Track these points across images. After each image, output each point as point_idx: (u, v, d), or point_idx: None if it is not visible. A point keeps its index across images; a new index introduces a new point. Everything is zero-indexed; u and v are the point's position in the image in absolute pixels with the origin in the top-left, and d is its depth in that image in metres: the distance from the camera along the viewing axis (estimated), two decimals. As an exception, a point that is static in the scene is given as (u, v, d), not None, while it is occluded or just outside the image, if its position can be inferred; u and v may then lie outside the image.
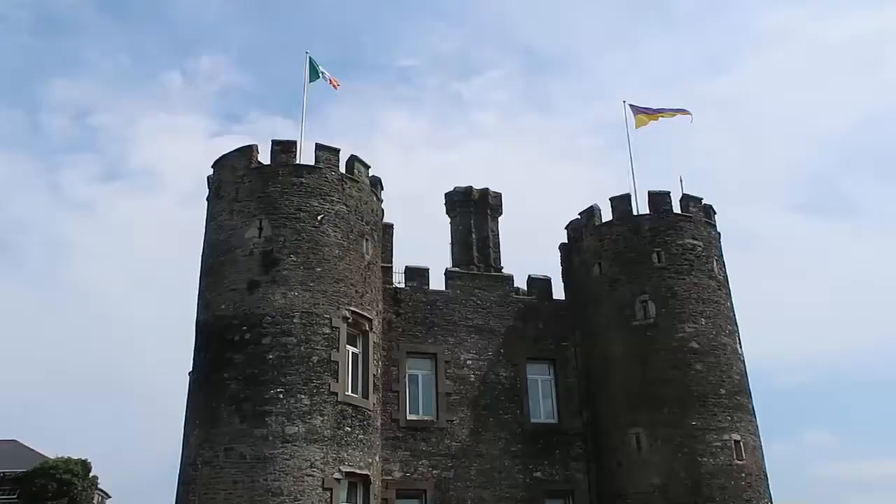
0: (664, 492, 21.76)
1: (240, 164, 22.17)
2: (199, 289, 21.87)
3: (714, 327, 23.93)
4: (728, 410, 22.79)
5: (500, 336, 24.75)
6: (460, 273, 25.58)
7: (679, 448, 22.09)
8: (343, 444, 19.52)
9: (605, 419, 23.77)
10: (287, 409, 19.08)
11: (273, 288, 20.31)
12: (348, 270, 21.42)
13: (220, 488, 18.46)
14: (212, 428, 19.26)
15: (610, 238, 25.47)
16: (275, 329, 19.87)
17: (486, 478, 22.65)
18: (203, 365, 20.41)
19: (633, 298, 24.26)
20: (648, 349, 23.43)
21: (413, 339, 23.77)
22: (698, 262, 24.75)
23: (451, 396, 23.41)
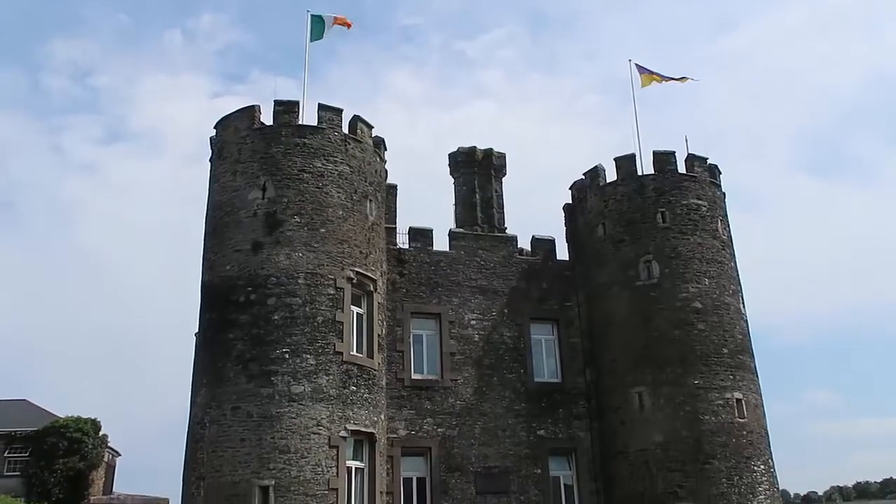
0: (666, 449, 22.04)
1: (242, 124, 22.05)
2: (204, 250, 21.94)
3: (717, 287, 23.99)
4: (730, 369, 22.97)
5: (503, 296, 24.85)
6: (464, 234, 25.58)
7: (681, 406, 22.31)
8: (349, 403, 19.76)
9: (608, 378, 23.98)
10: (293, 368, 19.28)
11: (277, 249, 20.36)
12: (352, 231, 21.43)
13: (228, 446, 18.75)
14: (218, 387, 19.49)
15: (614, 198, 25.41)
16: (279, 290, 19.98)
17: (490, 436, 22.95)
18: (209, 325, 20.57)
19: (636, 259, 24.29)
20: (651, 309, 23.53)
21: (417, 299, 23.88)
22: (702, 223, 24.71)
23: (456, 356, 23.61)
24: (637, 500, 22.08)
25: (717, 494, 21.38)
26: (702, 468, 21.62)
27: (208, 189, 22.68)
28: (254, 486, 18.13)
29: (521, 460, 23.00)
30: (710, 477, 21.54)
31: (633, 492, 22.27)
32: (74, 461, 33.31)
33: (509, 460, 22.87)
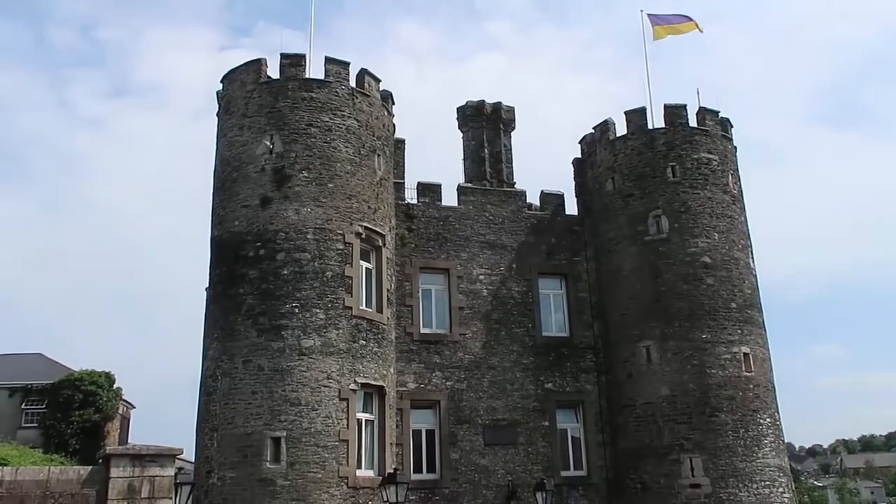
0: (672, 402, 22.25)
1: (248, 78, 21.85)
2: (213, 205, 21.97)
3: (727, 242, 23.91)
4: (738, 324, 23.03)
5: (512, 251, 24.86)
6: (473, 188, 25.48)
7: (688, 360, 22.45)
8: (358, 357, 19.96)
9: (616, 332, 24.10)
10: (303, 322, 19.45)
11: (286, 204, 20.35)
12: (360, 186, 21.38)
13: (240, 398, 19.04)
14: (229, 341, 19.71)
15: (624, 152, 25.20)
16: (288, 245, 20.04)
17: (498, 389, 23.19)
18: (219, 280, 20.71)
19: (646, 213, 24.19)
20: (660, 264, 23.52)
21: (426, 254, 23.92)
22: (713, 177, 24.53)
23: (464, 311, 23.73)
24: (643, 452, 22.39)
25: (723, 446, 21.64)
26: (708, 421, 21.84)
27: (216, 144, 22.60)
28: (266, 438, 18.46)
29: (529, 413, 23.27)
30: (715, 429, 21.78)
31: (639, 443, 22.56)
32: (90, 413, 33.95)
33: (517, 413, 23.15)
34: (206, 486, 18.83)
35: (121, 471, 9.51)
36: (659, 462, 22.00)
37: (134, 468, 9.62)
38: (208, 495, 18.75)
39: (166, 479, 9.81)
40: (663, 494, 21.68)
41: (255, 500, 18.01)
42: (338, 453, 18.78)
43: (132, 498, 9.48)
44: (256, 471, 18.25)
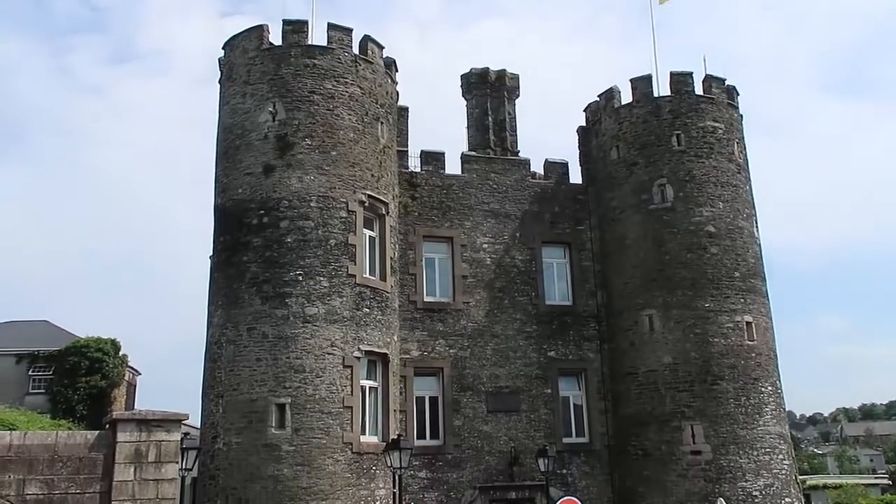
0: (674, 370, 22.37)
1: (250, 45, 21.66)
2: (216, 173, 21.92)
3: (731, 211, 23.84)
4: (741, 293, 23.06)
5: (515, 220, 24.82)
6: (476, 157, 25.37)
7: (691, 329, 22.53)
8: (362, 325, 20.06)
9: (619, 301, 24.15)
10: (307, 290, 19.51)
11: (289, 172, 20.30)
12: (364, 154, 21.30)
13: (245, 365, 19.19)
14: (234, 309, 19.80)
15: (629, 120, 25.02)
16: (292, 213, 20.03)
17: (501, 357, 23.33)
18: (223, 248, 20.74)
19: (650, 182, 24.09)
20: (664, 233, 23.49)
21: (429, 222, 23.90)
22: (718, 145, 24.37)
23: (468, 279, 23.77)
24: (645, 419, 22.57)
25: (724, 414, 21.79)
26: (709, 389, 21.98)
27: (218, 111, 22.48)
28: (271, 404, 18.64)
29: (532, 380, 23.43)
30: (717, 397, 21.92)
31: (641, 411, 22.74)
32: (96, 380, 34.24)
33: (520, 380, 23.31)
34: (212, 451, 19.07)
35: (127, 435, 9.62)
36: (660, 429, 22.19)
37: (140, 433, 9.72)
38: (214, 460, 19.00)
39: (172, 444, 9.92)
40: (664, 461, 21.91)
41: (260, 464, 18.25)
42: (342, 419, 18.96)
43: (139, 462, 9.60)
44: (261, 436, 18.46)
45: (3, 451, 9.04)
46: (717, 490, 20.90)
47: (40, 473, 9.10)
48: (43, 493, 9.08)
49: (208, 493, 19.10)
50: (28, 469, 9.06)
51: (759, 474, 21.53)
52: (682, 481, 21.55)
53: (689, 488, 21.41)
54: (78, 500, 9.24)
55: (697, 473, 21.47)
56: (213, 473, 18.97)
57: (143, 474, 9.56)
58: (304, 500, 18.04)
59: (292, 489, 18.07)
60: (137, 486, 9.50)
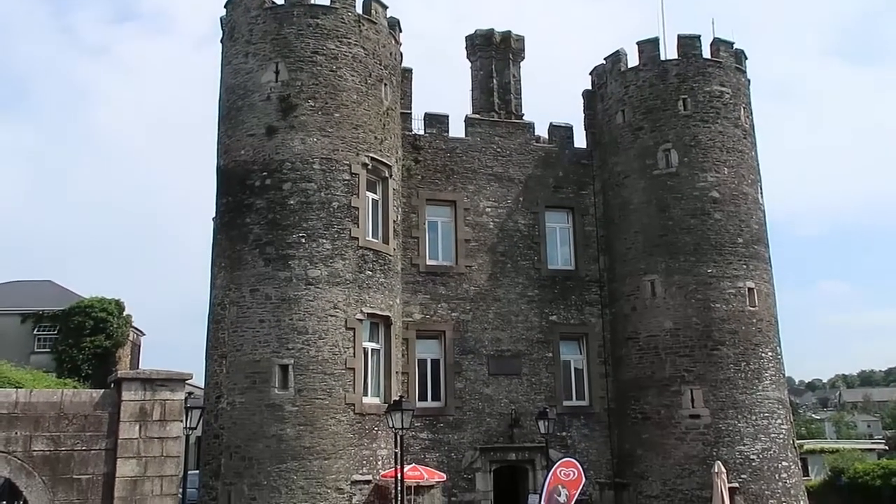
0: (675, 335, 22.47)
1: (252, 3, 21.36)
2: (218, 134, 21.81)
3: (736, 177, 23.71)
4: (744, 259, 23.05)
5: (519, 184, 24.72)
6: (480, 120, 25.17)
7: (693, 294, 22.57)
8: (364, 287, 20.12)
9: (621, 266, 24.16)
10: (309, 252, 19.54)
11: (291, 134, 20.18)
12: (367, 116, 21.14)
13: (248, 327, 19.31)
14: (237, 270, 19.86)
15: (635, 84, 24.75)
16: (295, 175, 19.97)
17: (503, 320, 23.43)
18: (225, 210, 20.73)
19: (655, 147, 23.93)
20: (668, 198, 23.40)
21: (432, 186, 23.82)
22: (725, 110, 24.14)
23: (470, 243, 23.77)
24: (645, 384, 22.74)
25: (724, 379, 21.95)
26: (710, 354, 22.10)
27: (220, 71, 22.27)
28: (274, 365, 18.79)
29: (533, 344, 23.57)
30: (717, 362, 22.05)
31: (641, 375, 22.90)
32: (101, 339, 34.54)
33: (521, 344, 23.44)
34: (216, 411, 19.30)
35: (132, 394, 9.71)
36: (660, 393, 22.37)
37: (145, 392, 9.82)
38: (218, 419, 19.23)
39: (177, 403, 10.03)
40: (663, 424, 22.12)
41: (263, 424, 18.47)
42: (344, 381, 19.13)
43: (144, 420, 9.71)
44: (265, 396, 18.65)
45: (9, 408, 9.15)
46: (715, 453, 21.14)
47: (47, 430, 9.22)
48: (49, 450, 9.21)
49: (212, 451, 19.38)
50: (35, 426, 9.18)
51: (757, 438, 21.76)
52: (680, 444, 21.79)
53: (688, 451, 21.65)
54: (84, 457, 9.37)
55: (696, 437, 21.70)
56: (217, 432, 19.23)
57: (148, 432, 9.68)
58: (306, 459, 18.30)
59: (295, 448, 18.32)
60: (142, 443, 9.63)
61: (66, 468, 9.24)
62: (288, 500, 18.00)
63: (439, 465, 21.23)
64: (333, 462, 18.52)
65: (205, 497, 19.36)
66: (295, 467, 18.20)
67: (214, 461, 19.20)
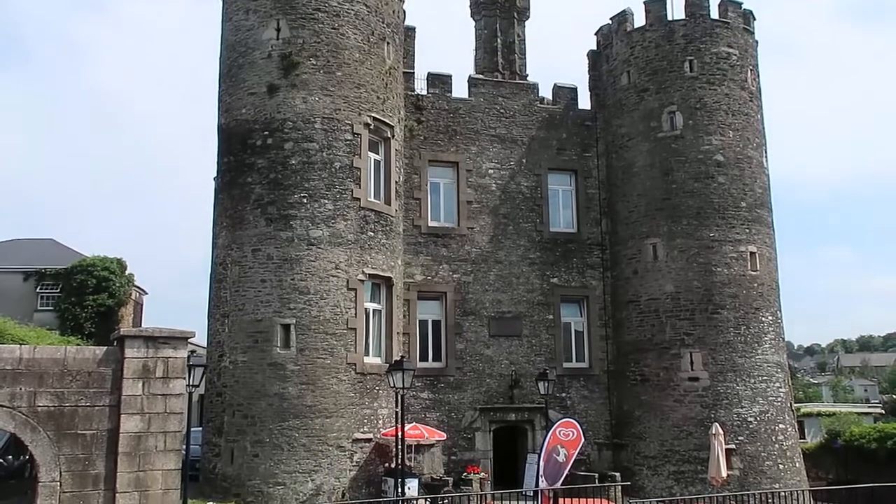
0: (676, 299, 22.52)
1: (254, -42, 20.97)
2: (219, 92, 21.59)
3: (741, 140, 23.53)
4: (747, 223, 22.99)
5: (522, 146, 24.56)
6: (484, 80, 24.90)
7: (694, 258, 22.56)
8: (366, 248, 20.12)
9: (624, 229, 24.12)
10: (311, 213, 19.49)
11: (293, 92, 19.99)
12: (369, 75, 20.91)
13: (250, 286, 19.35)
14: (238, 230, 19.84)
15: (641, 45, 24.43)
16: (296, 134, 19.82)
17: (504, 282, 23.47)
18: (227, 169, 20.63)
19: (660, 109, 23.70)
20: (672, 161, 23.26)
21: (435, 147, 23.67)
22: (732, 72, 23.85)
23: (472, 205, 23.69)
24: (645, 346, 22.87)
25: (723, 342, 22.06)
26: (710, 317, 22.18)
27: (221, 28, 21.97)
28: (276, 325, 18.88)
29: (534, 306, 23.64)
30: (717, 326, 22.14)
31: (641, 338, 23.01)
32: (103, 298, 34.65)
33: (522, 306, 23.52)
34: (219, 369, 19.46)
35: (135, 351, 9.76)
36: (659, 356, 22.50)
37: (148, 349, 9.86)
38: (221, 377, 19.40)
39: (179, 360, 10.08)
40: (662, 386, 22.30)
41: (266, 382, 18.63)
42: (346, 341, 19.24)
43: (147, 377, 9.77)
44: (267, 355, 18.78)
45: (14, 364, 9.20)
46: (713, 415, 21.34)
47: (51, 386, 9.28)
48: (54, 406, 9.29)
49: (215, 408, 19.59)
50: (39, 382, 9.24)
51: (755, 401, 21.94)
52: (678, 406, 22.00)
53: (686, 413, 21.86)
54: (88, 413, 9.45)
55: (694, 399, 21.89)
56: (220, 390, 19.41)
57: (151, 389, 9.75)
58: (308, 417, 18.49)
59: (297, 407, 18.50)
60: (146, 400, 9.71)
61: (71, 423, 9.33)
62: (290, 457, 18.24)
63: (440, 424, 21.46)
64: (335, 420, 18.72)
65: (208, 454, 19.62)
66: (297, 425, 18.40)
67: (217, 418, 19.41)
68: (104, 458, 9.40)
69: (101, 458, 9.40)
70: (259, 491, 18.02)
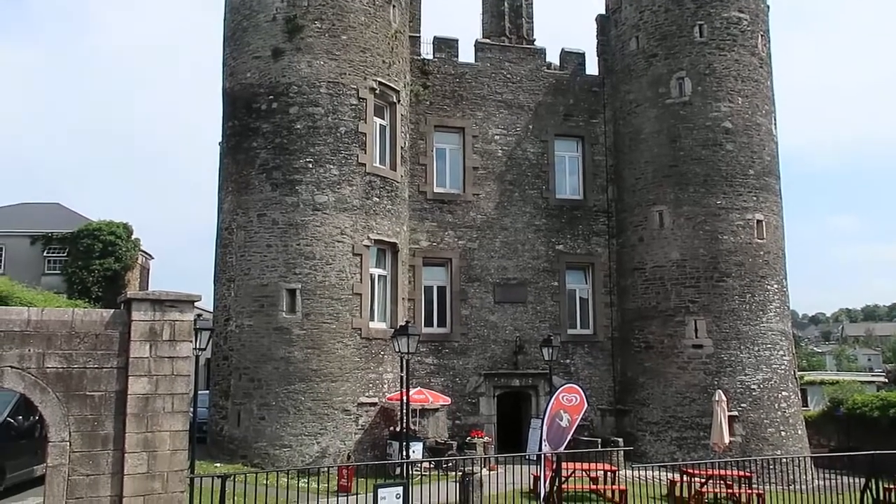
0: (681, 266, 22.50)
1: (258, -82, 20.64)
2: (223, 55, 21.43)
3: (750, 107, 23.28)
4: (754, 191, 22.86)
5: (529, 111, 24.36)
6: (490, 45, 24.62)
7: (701, 226, 22.49)
8: (371, 214, 20.10)
9: (630, 196, 24.01)
10: (316, 178, 19.45)
11: (298, 56, 19.81)
12: (375, 39, 20.70)
13: (256, 251, 19.40)
14: (244, 195, 19.82)
15: (650, 9, 24.07)
16: (301, 99, 19.70)
17: (509, 249, 23.46)
18: (232, 133, 20.55)
19: (669, 75, 23.44)
20: (680, 127, 23.06)
21: (441, 112, 23.50)
22: (742, 38, 23.52)
23: (478, 171, 23.59)
24: (649, 314, 22.91)
25: (728, 310, 22.07)
26: (715, 285, 22.17)
27: (225, -10, 21.72)
28: (281, 289, 18.97)
29: (539, 273, 23.66)
30: (722, 293, 22.14)
31: (645, 305, 23.05)
32: (110, 262, 34.80)
33: (527, 273, 23.54)
34: (225, 333, 19.60)
35: (142, 314, 9.78)
36: (664, 323, 22.55)
37: (154, 312, 9.88)
38: (227, 341, 19.55)
39: (186, 324, 10.11)
40: (666, 353, 22.39)
41: (272, 346, 18.77)
42: (351, 306, 19.33)
43: (154, 340, 9.82)
44: (273, 320, 18.89)
45: (22, 325, 9.24)
46: (716, 382, 21.44)
47: (59, 348, 9.33)
48: (62, 367, 9.36)
49: (222, 372, 19.77)
50: (47, 344, 9.29)
51: (758, 368, 22.03)
52: (682, 373, 22.10)
53: (689, 380, 21.97)
54: (96, 375, 9.52)
55: (698, 366, 21.98)
56: (227, 354, 19.57)
57: (159, 352, 9.80)
58: (314, 381, 18.66)
59: (303, 370, 18.66)
60: (153, 362, 9.76)
61: (79, 385, 9.40)
62: (296, 420, 18.45)
63: (444, 389, 21.63)
64: (340, 384, 18.88)
65: (215, 416, 19.86)
66: (302, 389, 18.58)
67: (224, 382, 19.60)
68: (113, 419, 9.49)
69: (109, 419, 9.49)
70: (266, 453, 18.26)
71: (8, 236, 36.24)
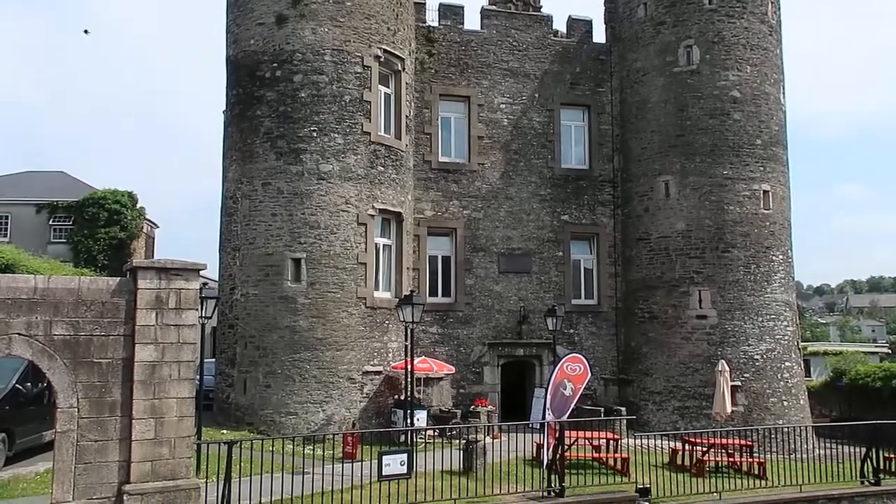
0: (687, 237, 22.45)
1: None
2: (227, 22, 21.22)
3: (759, 76, 23.03)
4: (761, 161, 22.71)
5: (535, 80, 24.15)
6: (497, 12, 24.32)
7: (707, 196, 22.38)
8: (376, 183, 20.04)
9: (636, 166, 23.88)
10: (321, 147, 19.37)
11: (302, 23, 19.62)
12: (379, 6, 20.45)
13: (260, 220, 19.40)
14: (248, 164, 19.77)
15: (659, -25, 23.69)
16: (305, 66, 19.54)
17: (514, 219, 23.41)
18: (236, 102, 20.43)
19: (677, 43, 23.16)
20: (688, 96, 22.84)
21: (446, 81, 23.30)
22: (752, 4, 23.19)
23: (483, 140, 23.47)
24: (654, 284, 22.91)
25: (733, 281, 22.06)
26: (720, 256, 22.13)
27: (228, -45, 21.44)
28: (286, 258, 19.00)
29: (544, 243, 23.64)
30: (727, 264, 22.11)
31: (650, 275, 23.04)
32: (115, 231, 34.92)
33: (532, 243, 23.52)
34: (230, 302, 19.68)
35: (148, 282, 9.83)
36: (668, 294, 22.57)
37: (160, 280, 9.93)
38: (233, 310, 19.64)
39: (191, 292, 10.16)
40: (669, 324, 22.44)
41: (277, 315, 18.85)
42: (356, 275, 19.37)
43: (160, 308, 9.88)
44: (278, 289, 18.95)
45: (29, 293, 9.30)
46: (719, 353, 21.51)
47: (66, 316, 9.40)
48: (70, 335, 9.43)
49: (228, 340, 19.90)
50: (54, 311, 9.35)
51: (762, 339, 22.07)
52: (686, 343, 22.17)
53: (693, 350, 22.04)
54: (103, 342, 9.59)
55: (701, 337, 22.03)
56: (232, 322, 19.68)
57: (165, 319, 9.86)
58: (319, 350, 18.77)
59: (308, 339, 18.76)
60: (159, 330, 9.83)
61: (87, 352, 9.48)
62: (301, 388, 18.60)
63: (448, 358, 21.75)
64: (345, 353, 19.00)
65: (221, 384, 20.03)
66: (308, 357, 18.70)
67: (230, 350, 19.74)
68: (120, 386, 9.59)
69: (117, 386, 9.59)
70: (271, 420, 18.45)
71: (13, 204, 36.32)
